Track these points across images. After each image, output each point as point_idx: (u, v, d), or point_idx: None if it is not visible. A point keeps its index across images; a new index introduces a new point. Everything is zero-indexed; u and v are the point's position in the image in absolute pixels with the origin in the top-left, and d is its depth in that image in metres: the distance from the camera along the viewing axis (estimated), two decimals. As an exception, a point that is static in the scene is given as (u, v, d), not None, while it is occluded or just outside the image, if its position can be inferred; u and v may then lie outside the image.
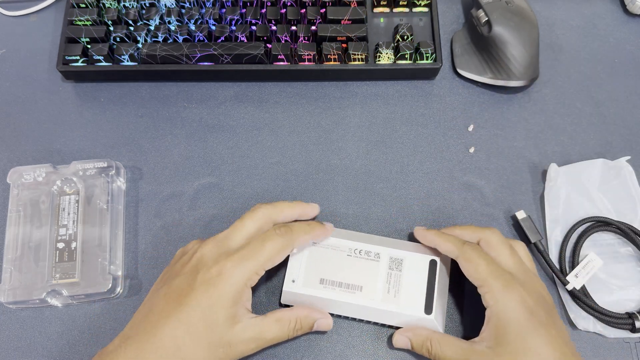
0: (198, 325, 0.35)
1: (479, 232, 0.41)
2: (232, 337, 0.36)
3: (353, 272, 0.42)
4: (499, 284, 0.37)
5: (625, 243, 0.46)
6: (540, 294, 0.38)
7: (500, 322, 0.36)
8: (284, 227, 0.39)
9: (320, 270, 0.42)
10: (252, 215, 0.40)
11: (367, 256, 0.43)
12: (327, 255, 0.43)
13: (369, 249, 0.43)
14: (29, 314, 0.44)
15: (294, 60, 0.51)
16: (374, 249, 0.43)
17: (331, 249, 0.43)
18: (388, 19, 0.54)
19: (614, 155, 0.50)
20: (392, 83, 0.54)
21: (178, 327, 0.35)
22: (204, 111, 0.52)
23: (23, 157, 0.50)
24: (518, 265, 0.39)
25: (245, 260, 0.37)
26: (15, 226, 0.45)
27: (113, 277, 0.44)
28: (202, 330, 0.35)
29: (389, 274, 0.42)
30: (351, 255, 0.43)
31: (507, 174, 0.50)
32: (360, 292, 0.42)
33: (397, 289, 0.41)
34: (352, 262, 0.42)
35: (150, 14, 0.52)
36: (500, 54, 0.51)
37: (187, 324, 0.35)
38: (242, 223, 0.39)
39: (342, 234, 0.44)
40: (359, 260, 0.42)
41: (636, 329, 0.42)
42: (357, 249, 0.43)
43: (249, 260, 0.37)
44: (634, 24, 0.57)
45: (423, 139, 0.51)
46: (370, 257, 0.42)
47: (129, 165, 0.50)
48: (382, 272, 0.42)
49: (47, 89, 0.53)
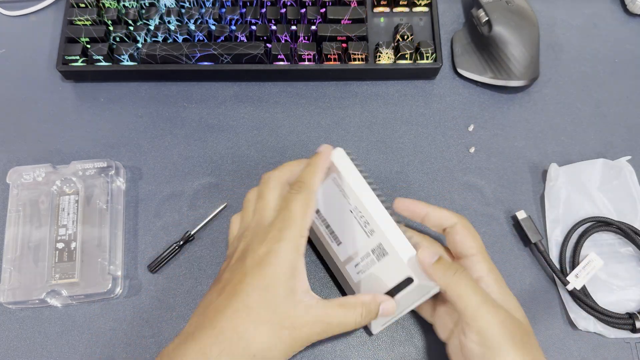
0: (258, 309, 0.34)
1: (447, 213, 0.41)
2: (295, 318, 0.34)
3: (343, 226, 0.41)
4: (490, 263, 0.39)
5: (625, 243, 0.46)
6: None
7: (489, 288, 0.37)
8: (296, 183, 0.38)
9: (322, 202, 0.42)
10: (268, 188, 0.39)
11: (364, 225, 0.40)
12: (336, 197, 0.41)
13: (369, 221, 0.39)
14: (29, 314, 0.44)
15: (294, 60, 0.51)
16: (372, 224, 0.39)
17: (342, 194, 0.40)
18: (388, 19, 0.54)
19: (614, 155, 0.50)
20: (392, 83, 0.54)
21: (237, 316, 0.33)
22: (203, 111, 0.52)
23: (23, 157, 0.50)
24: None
25: (285, 231, 0.36)
26: (14, 226, 0.45)
27: (113, 277, 0.44)
28: (262, 313, 0.34)
29: (367, 254, 0.40)
30: (352, 213, 0.40)
31: (508, 174, 0.50)
32: (337, 245, 0.41)
33: (364, 271, 0.40)
34: (349, 218, 0.40)
35: (150, 13, 0.52)
36: (501, 54, 0.51)
37: (246, 311, 0.34)
38: (264, 200, 0.38)
39: (361, 185, 0.40)
40: (354, 222, 0.40)
41: (636, 329, 0.42)
42: (360, 212, 0.40)
43: (287, 229, 0.36)
44: (634, 23, 0.57)
45: (423, 139, 0.51)
46: (365, 228, 0.40)
47: (129, 165, 0.50)
48: (363, 248, 0.40)
49: (47, 88, 0.53)
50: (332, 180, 0.41)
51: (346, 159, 0.41)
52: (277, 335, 0.34)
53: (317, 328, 0.35)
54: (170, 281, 0.45)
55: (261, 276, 0.34)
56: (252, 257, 0.35)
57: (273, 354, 0.34)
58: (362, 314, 0.37)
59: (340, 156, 0.41)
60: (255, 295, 0.34)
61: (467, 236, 0.39)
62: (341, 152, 0.41)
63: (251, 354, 0.33)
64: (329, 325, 0.36)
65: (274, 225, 0.36)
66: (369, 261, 0.40)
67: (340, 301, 0.37)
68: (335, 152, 0.41)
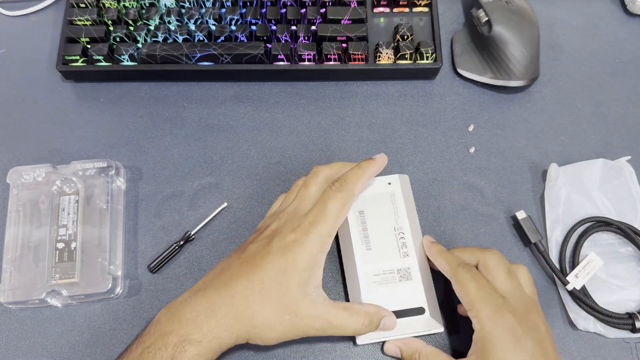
0: (271, 286, 0.36)
1: (478, 254, 0.40)
2: (300, 307, 0.36)
3: (381, 237, 0.42)
4: (488, 309, 0.36)
5: (625, 243, 0.46)
6: (534, 322, 0.37)
7: (485, 348, 0.35)
8: (338, 181, 0.39)
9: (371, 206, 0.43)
10: (314, 180, 0.41)
11: (400, 246, 0.42)
12: (386, 210, 0.43)
13: (407, 244, 0.42)
14: (29, 314, 0.44)
15: (294, 60, 0.51)
16: (410, 249, 0.42)
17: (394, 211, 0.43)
18: (388, 19, 0.54)
19: (614, 155, 0.50)
20: (392, 83, 0.54)
21: (250, 286, 0.36)
22: (203, 111, 0.52)
23: (23, 157, 0.50)
24: (514, 290, 0.38)
25: (316, 225, 0.37)
26: (14, 226, 0.45)
27: (113, 277, 0.44)
28: (274, 292, 0.36)
29: (392, 270, 0.41)
30: (395, 230, 0.42)
31: (508, 174, 0.50)
32: (365, 249, 0.42)
33: (380, 283, 0.41)
34: (390, 233, 0.42)
35: (150, 13, 0.52)
36: (501, 54, 0.51)
37: (260, 284, 0.36)
38: (307, 191, 0.40)
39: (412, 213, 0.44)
40: (393, 239, 0.42)
41: (636, 329, 0.42)
42: (403, 233, 0.42)
43: (319, 224, 0.37)
44: (634, 23, 0.57)
45: (423, 139, 0.51)
46: (401, 250, 0.42)
47: (129, 165, 0.50)
48: (390, 264, 0.41)
49: (47, 88, 0.53)
50: (389, 195, 0.44)
51: (407, 185, 0.45)
52: (279, 317, 0.36)
53: (317, 324, 0.37)
54: (170, 281, 0.45)
55: (282, 259, 0.36)
56: (280, 240, 0.37)
57: (270, 333, 0.36)
58: (364, 323, 0.38)
59: (405, 181, 0.45)
60: (272, 274, 0.36)
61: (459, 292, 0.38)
62: (406, 178, 0.45)
63: (253, 324, 0.35)
64: (330, 324, 0.37)
65: (307, 217, 0.38)
66: (390, 277, 0.41)
67: (346, 305, 0.38)
68: (402, 177, 0.45)
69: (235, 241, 0.47)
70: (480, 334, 0.36)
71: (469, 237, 0.47)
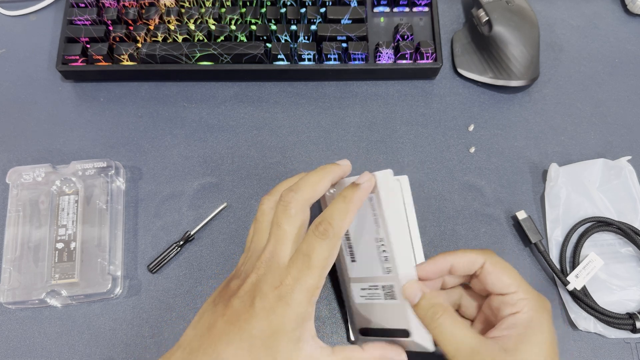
0: (259, 352, 0.33)
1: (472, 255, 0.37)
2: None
3: (363, 249, 0.38)
4: (536, 295, 0.35)
5: (625, 243, 0.46)
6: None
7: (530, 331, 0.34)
8: (322, 224, 0.34)
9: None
10: (287, 218, 0.35)
11: (383, 260, 0.37)
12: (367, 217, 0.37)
13: (389, 260, 0.36)
14: (29, 314, 0.44)
15: (294, 60, 0.51)
16: (392, 264, 0.36)
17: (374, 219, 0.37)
18: (388, 19, 0.54)
19: (614, 155, 0.50)
20: (392, 83, 0.53)
21: (239, 354, 0.32)
22: (203, 111, 0.52)
23: (22, 157, 0.50)
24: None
25: (300, 281, 0.33)
26: (14, 226, 0.45)
27: (112, 277, 0.44)
28: (263, 357, 0.32)
29: (376, 286, 0.38)
30: (377, 242, 0.37)
31: (508, 174, 0.50)
32: (350, 261, 0.40)
33: (368, 298, 0.39)
34: (371, 245, 0.37)
35: (150, 13, 0.52)
36: (501, 54, 0.51)
37: (249, 350, 0.32)
38: (282, 231, 0.35)
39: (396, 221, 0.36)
40: (375, 252, 0.37)
41: (637, 329, 0.42)
42: (384, 246, 0.36)
43: (304, 279, 0.33)
44: (635, 23, 0.57)
45: (423, 139, 0.51)
46: (383, 264, 0.37)
47: (129, 165, 0.50)
48: (374, 278, 0.38)
49: (47, 88, 0.53)
50: (369, 199, 0.37)
51: (392, 184, 0.37)
52: None
53: None
54: (170, 281, 0.45)
55: (268, 323, 0.33)
56: (262, 300, 0.33)
57: None
58: None
59: (385, 179, 0.36)
60: (259, 340, 0.33)
61: (497, 274, 0.36)
62: (388, 175, 0.36)
63: None
64: None
65: (290, 271, 0.33)
66: (375, 293, 0.38)
67: (347, 355, 0.35)
68: (381, 174, 0.36)
69: (235, 241, 0.47)
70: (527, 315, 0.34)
71: (469, 237, 0.47)
